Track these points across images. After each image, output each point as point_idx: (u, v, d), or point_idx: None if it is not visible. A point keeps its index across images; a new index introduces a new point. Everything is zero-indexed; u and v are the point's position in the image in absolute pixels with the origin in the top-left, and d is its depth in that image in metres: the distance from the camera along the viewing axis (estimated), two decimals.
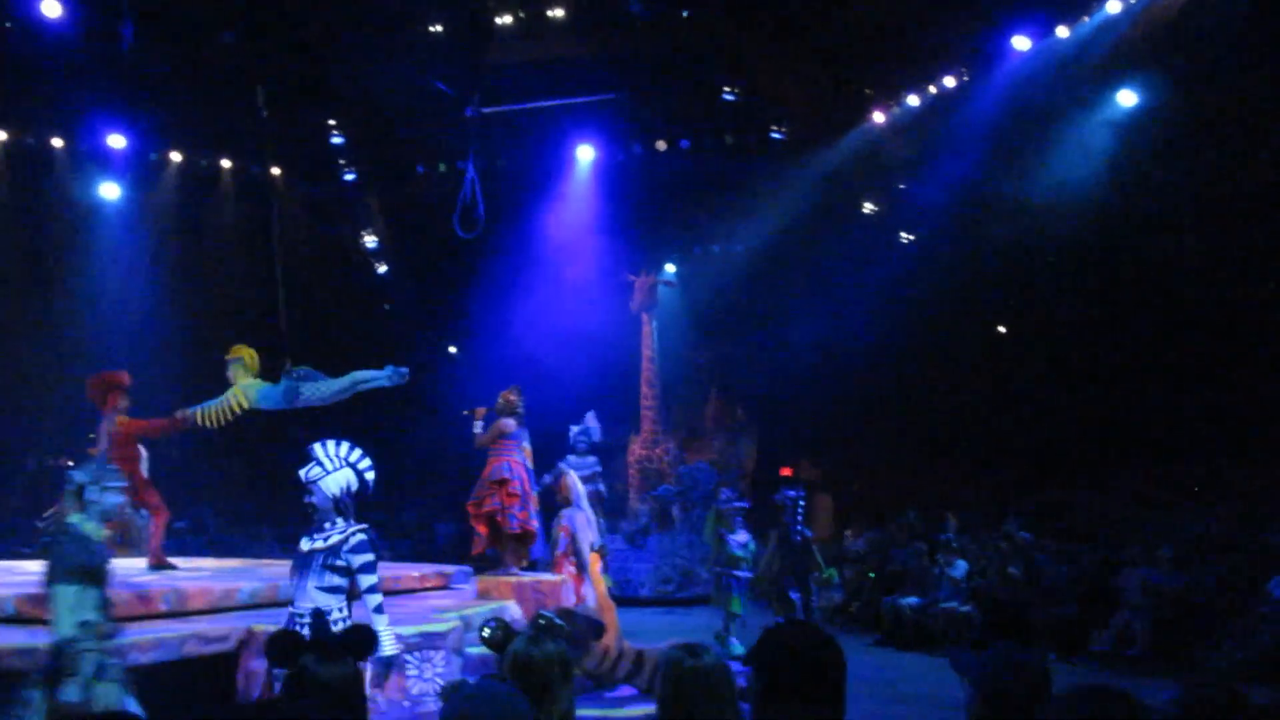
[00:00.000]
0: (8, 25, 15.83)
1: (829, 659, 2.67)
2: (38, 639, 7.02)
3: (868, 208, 19.36)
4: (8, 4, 15.38)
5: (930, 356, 19.08)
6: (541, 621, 3.68)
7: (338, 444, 5.37)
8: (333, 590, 5.10)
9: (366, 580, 5.11)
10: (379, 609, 5.10)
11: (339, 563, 5.11)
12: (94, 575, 4.74)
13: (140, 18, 14.56)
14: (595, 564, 10.19)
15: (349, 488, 5.28)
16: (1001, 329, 20.06)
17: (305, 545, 5.24)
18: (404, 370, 11.81)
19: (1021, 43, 15.00)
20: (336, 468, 5.29)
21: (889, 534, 16.43)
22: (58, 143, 19.05)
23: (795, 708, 2.61)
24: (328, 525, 5.22)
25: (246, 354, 11.71)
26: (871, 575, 15.24)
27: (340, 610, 5.10)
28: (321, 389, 11.76)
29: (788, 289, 19.74)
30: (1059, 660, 11.42)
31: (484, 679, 2.94)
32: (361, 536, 5.18)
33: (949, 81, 16.44)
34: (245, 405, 11.42)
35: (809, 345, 18.90)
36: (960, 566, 13.44)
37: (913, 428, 19.39)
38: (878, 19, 15.99)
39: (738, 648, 11.39)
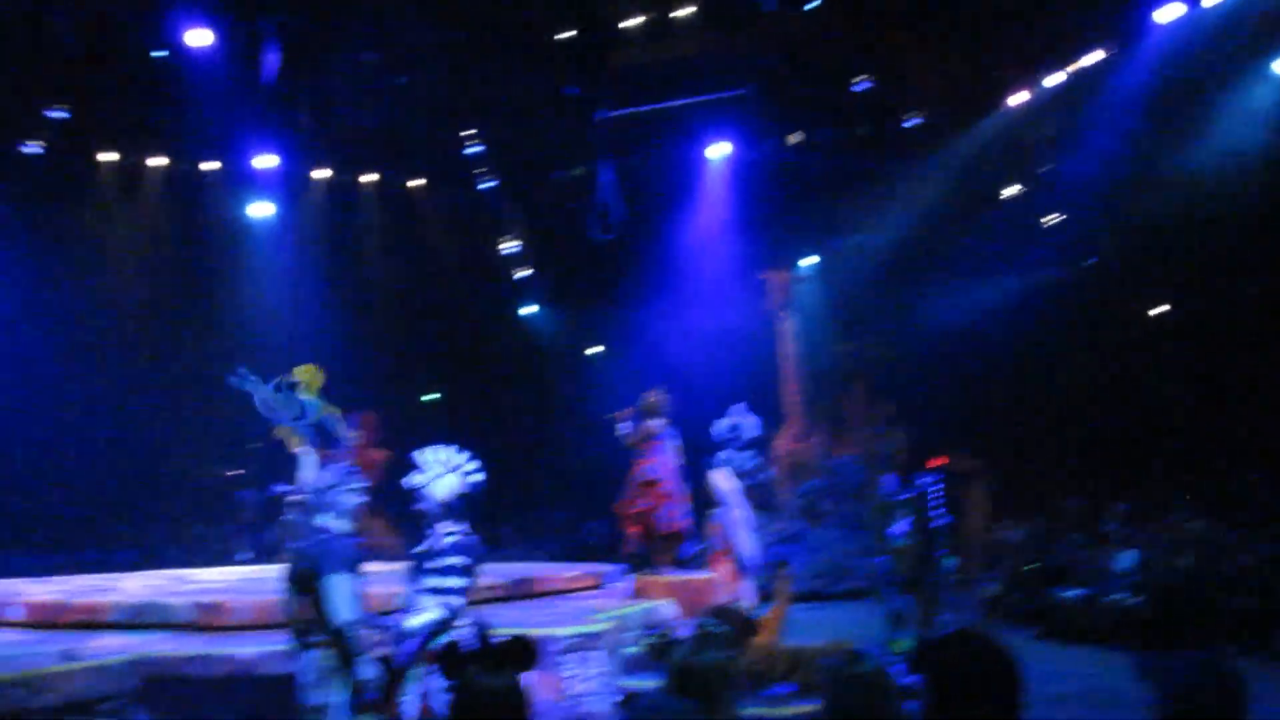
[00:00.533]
0: (161, 55, 16.52)
1: (1002, 671, 2.59)
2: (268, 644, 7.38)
3: (1009, 191, 18.87)
4: (160, 35, 16.05)
5: (1086, 339, 18.48)
6: (703, 630, 3.69)
7: (443, 449, 5.45)
8: (434, 592, 5.19)
9: (451, 582, 5.18)
10: (447, 606, 5.14)
11: (437, 564, 5.21)
12: (355, 568, 5.02)
13: (283, 42, 15.14)
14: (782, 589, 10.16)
15: (456, 491, 5.36)
16: (1165, 307, 19.31)
17: (414, 550, 5.36)
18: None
19: (1167, 13, 14.44)
20: (442, 472, 5.37)
21: (1049, 524, 15.96)
22: (212, 166, 19.88)
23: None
24: (436, 529, 5.32)
25: (309, 375, 11.59)
26: (1030, 567, 14.81)
27: (446, 613, 5.17)
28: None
29: (931, 277, 19.36)
30: (1241, 657, 10.94)
31: (657, 690, 2.98)
32: (460, 540, 5.26)
33: (1090, 58, 15.91)
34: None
35: (956, 333, 18.51)
36: (1128, 557, 12.95)
37: (1071, 413, 18.80)
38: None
39: (905, 643, 11.15)
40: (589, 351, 22.76)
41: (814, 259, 21.04)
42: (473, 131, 20.27)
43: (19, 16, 16.18)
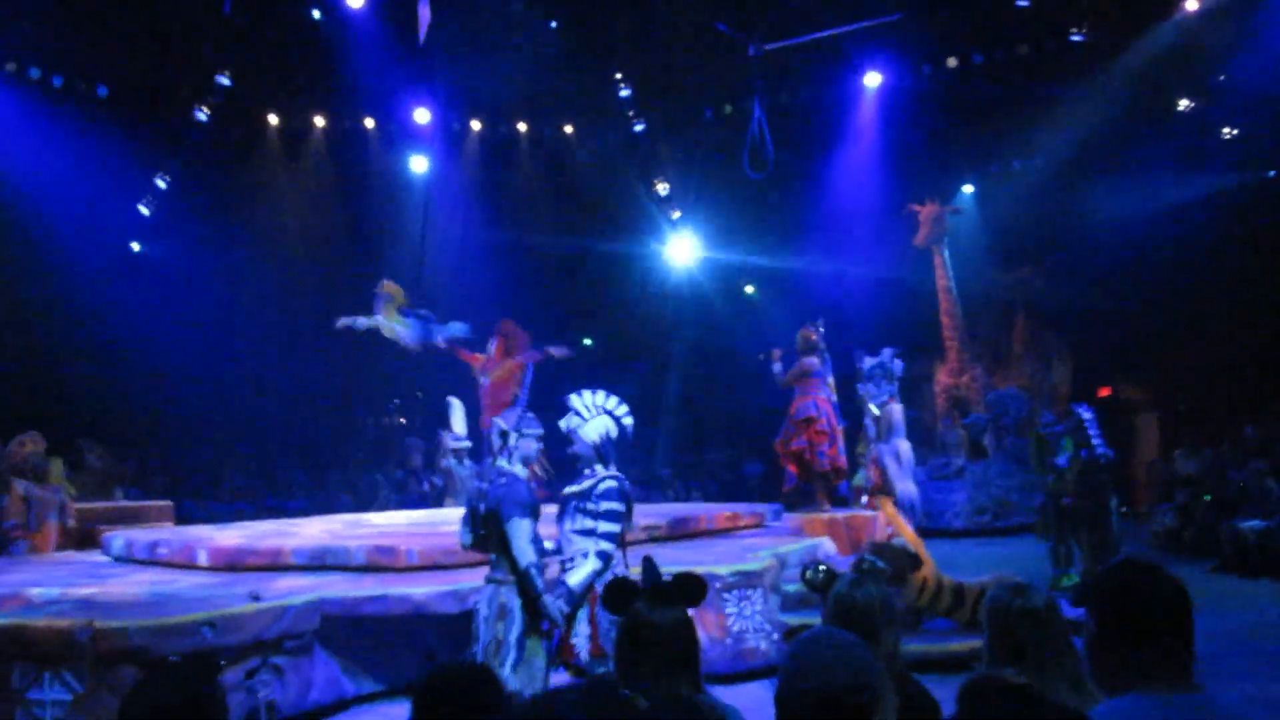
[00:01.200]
0: (317, 18, 16.97)
1: (1172, 600, 2.51)
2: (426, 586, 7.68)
3: (1183, 104, 17.96)
4: None
5: (1260, 259, 17.54)
6: (864, 565, 3.68)
7: (594, 392, 5.51)
8: (586, 533, 5.27)
9: (605, 526, 5.24)
10: (600, 554, 5.21)
11: (589, 505, 5.28)
12: (535, 511, 5.20)
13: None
14: (888, 508, 10.00)
15: (608, 435, 5.40)
16: None
17: (567, 490, 5.45)
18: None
19: None
20: (594, 415, 5.43)
21: (1225, 453, 15.32)
22: (369, 123, 20.40)
23: (1137, 653, 2.47)
24: (587, 472, 5.39)
25: (394, 290, 12.90)
26: (1207, 498, 14.26)
27: (599, 563, 5.24)
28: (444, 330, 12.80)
29: (1096, 201, 18.61)
30: None
31: (826, 625, 3.00)
32: (612, 484, 5.30)
33: None
34: (391, 334, 12.69)
35: (1123, 258, 17.81)
36: None
37: (1243, 337, 17.90)
38: None
39: (1074, 577, 10.90)
40: (747, 290, 22.69)
41: (970, 187, 20.48)
42: (619, 76, 20.24)
43: None
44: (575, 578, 5.14)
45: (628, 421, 5.47)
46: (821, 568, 3.71)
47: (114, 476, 16.11)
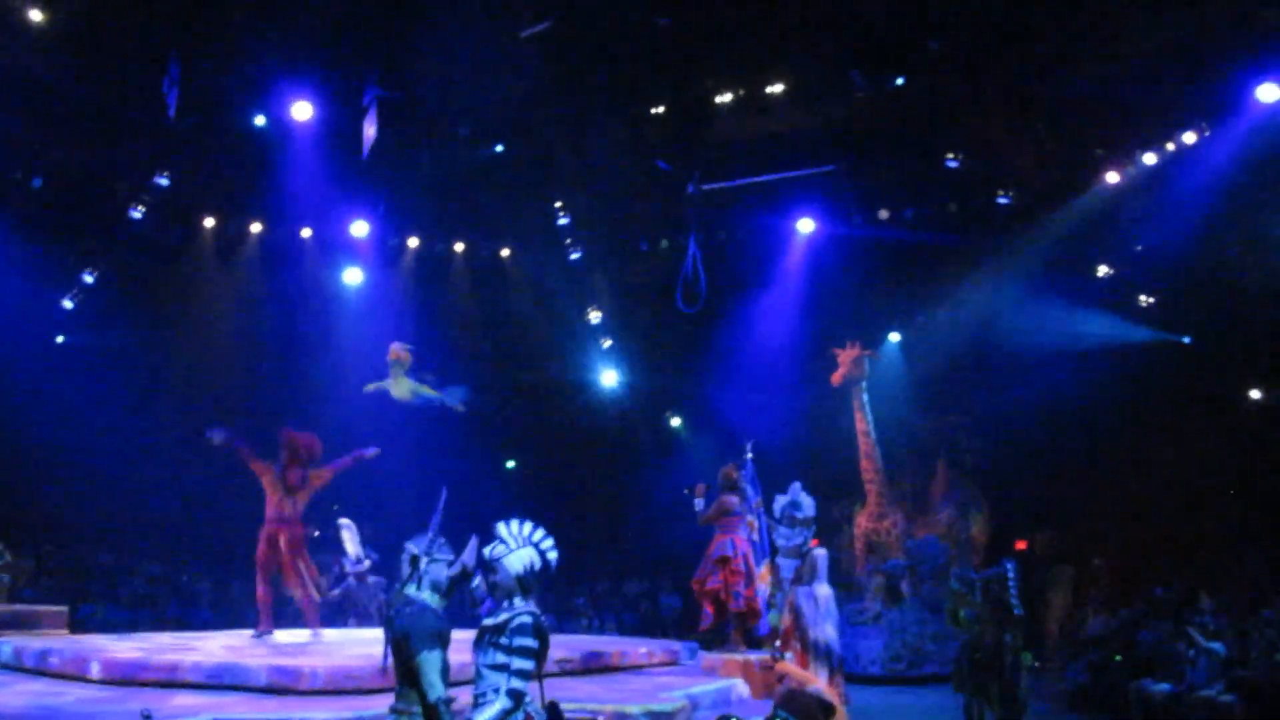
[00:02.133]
0: (260, 124, 17.06)
1: None
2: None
3: (1102, 270, 18.62)
4: (259, 106, 16.59)
5: (1178, 422, 18.02)
6: (779, 718, 3.62)
7: (521, 523, 5.44)
8: (499, 669, 5.15)
9: (518, 663, 5.13)
10: (511, 693, 5.09)
11: (504, 641, 5.17)
12: (444, 640, 5.04)
13: (379, 113, 15.60)
14: (786, 667, 9.93)
15: (531, 566, 5.32)
16: (1257, 393, 18.83)
17: (485, 622, 5.34)
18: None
19: (1269, 92, 14.24)
20: (519, 546, 5.36)
21: (1136, 612, 15.49)
22: (306, 232, 20.42)
23: None
24: (505, 604, 5.29)
25: (406, 357, 13.86)
26: (1118, 658, 14.36)
27: (509, 703, 5.13)
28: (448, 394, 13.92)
29: (1017, 355, 19.08)
30: None
31: None
32: (526, 619, 5.20)
33: (1187, 137, 15.74)
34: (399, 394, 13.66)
35: (1042, 412, 18.20)
36: (1219, 650, 12.48)
37: (1160, 498, 18.28)
38: (1107, 76, 15.46)
39: None
40: (673, 423, 22.76)
41: (896, 336, 20.90)
42: (559, 204, 20.55)
43: (123, 86, 16.89)
44: (483, 716, 5.00)
45: (552, 556, 5.39)
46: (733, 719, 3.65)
47: (15, 573, 15.55)
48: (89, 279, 18.95)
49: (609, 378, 22.27)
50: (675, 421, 22.87)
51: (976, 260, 18.74)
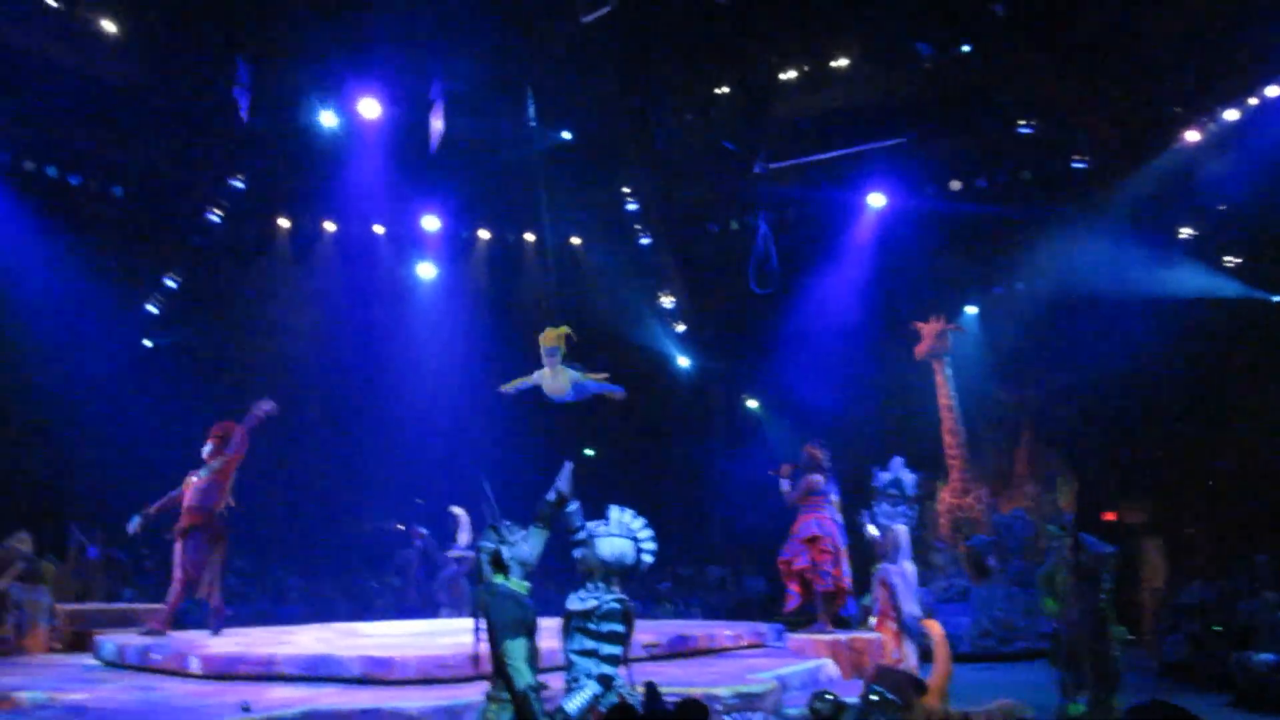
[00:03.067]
0: (331, 126, 17.26)
1: None
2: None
3: (1184, 232, 18.16)
4: (332, 104, 16.78)
5: (1270, 382, 17.51)
6: (872, 695, 3.59)
7: (633, 515, 5.40)
8: (587, 654, 5.13)
9: (607, 649, 5.10)
10: (600, 677, 5.07)
11: (591, 626, 5.14)
12: (528, 628, 5.06)
13: (445, 106, 15.72)
14: (935, 629, 9.76)
15: (621, 557, 5.29)
16: None
17: (570, 605, 5.30)
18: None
19: None
20: (619, 533, 5.32)
21: (1235, 582, 15.09)
22: (379, 229, 20.66)
23: None
24: (589, 586, 5.26)
25: (556, 338, 12.52)
26: (1217, 629, 14.00)
27: (598, 689, 5.11)
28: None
29: (1099, 321, 18.69)
30: None
31: None
32: (615, 606, 5.17)
33: (1272, 91, 15.26)
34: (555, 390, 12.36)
35: (1126, 379, 17.79)
36: None
37: (1252, 462, 17.79)
38: (1181, 32, 15.06)
39: (1080, 706, 10.63)
40: (749, 404, 22.66)
41: (973, 308, 20.59)
42: (626, 190, 20.55)
43: (197, 91, 17.23)
44: (574, 703, 5.01)
45: (647, 557, 5.36)
46: (829, 696, 3.62)
47: (114, 571, 15.98)
48: (171, 283, 19.35)
49: (683, 362, 22.24)
50: (752, 403, 22.76)
51: (1053, 227, 18.37)
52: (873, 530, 11.33)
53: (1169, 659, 14.10)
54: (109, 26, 16.37)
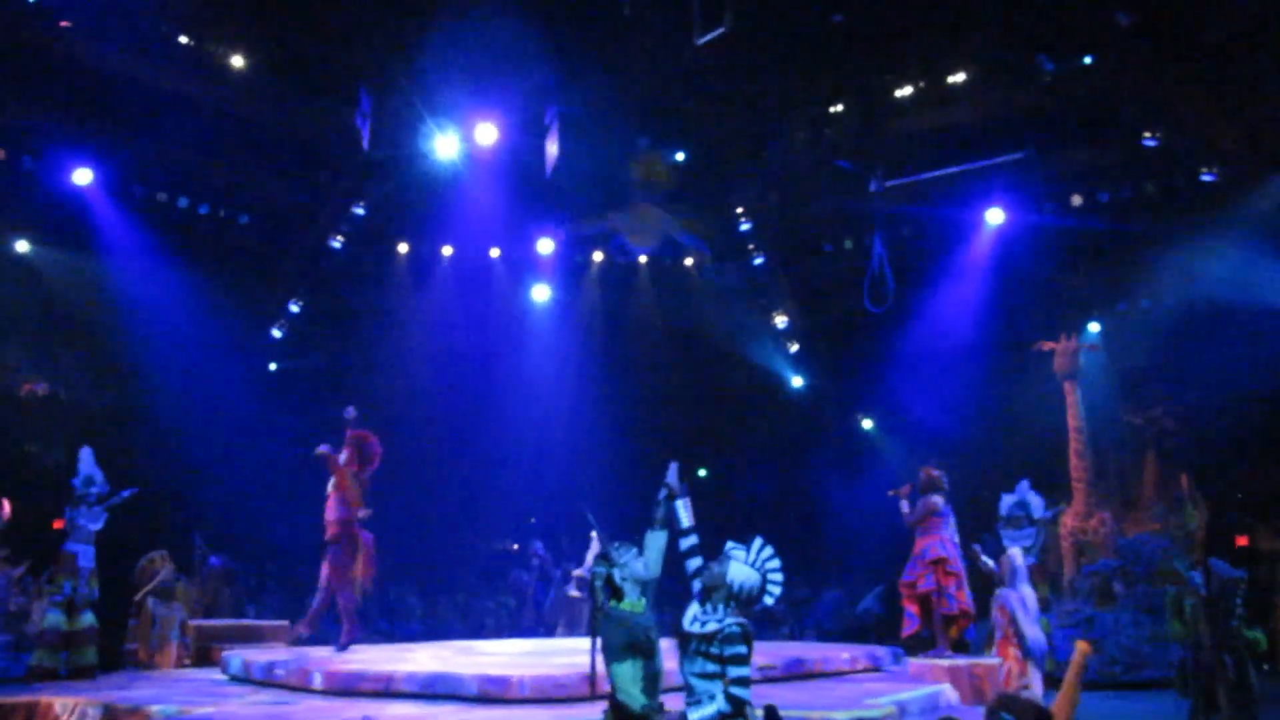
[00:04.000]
0: (447, 151, 17.61)
1: None
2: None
3: None
4: (449, 131, 17.08)
5: None
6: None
7: (772, 554, 5.34)
8: (710, 678, 5.09)
9: (735, 670, 5.05)
10: (732, 699, 5.02)
11: (714, 651, 5.09)
12: (636, 649, 5.07)
13: (560, 130, 15.92)
14: (1083, 648, 9.49)
15: (747, 588, 5.23)
16: None
17: (687, 625, 5.24)
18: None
19: None
20: (750, 562, 5.26)
21: None
22: (495, 252, 21.00)
23: None
24: (709, 609, 5.20)
25: None
26: None
27: (713, 699, 5.06)
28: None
29: (1229, 340, 18.05)
30: None
31: None
32: (735, 629, 5.11)
33: None
34: None
35: (1258, 398, 17.15)
36: None
37: None
38: None
39: None
40: (864, 425, 22.42)
41: (1096, 325, 20.06)
42: (740, 210, 20.57)
43: (320, 121, 17.77)
44: (697, 715, 4.99)
45: (769, 598, 5.31)
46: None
47: (237, 585, 16.45)
48: (295, 308, 19.91)
49: (797, 381, 22.12)
50: (866, 424, 22.51)
51: (1178, 242, 17.81)
52: (989, 562, 11.11)
53: None
54: (236, 61, 17.00)
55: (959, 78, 16.85)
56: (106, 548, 12.15)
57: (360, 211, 19.51)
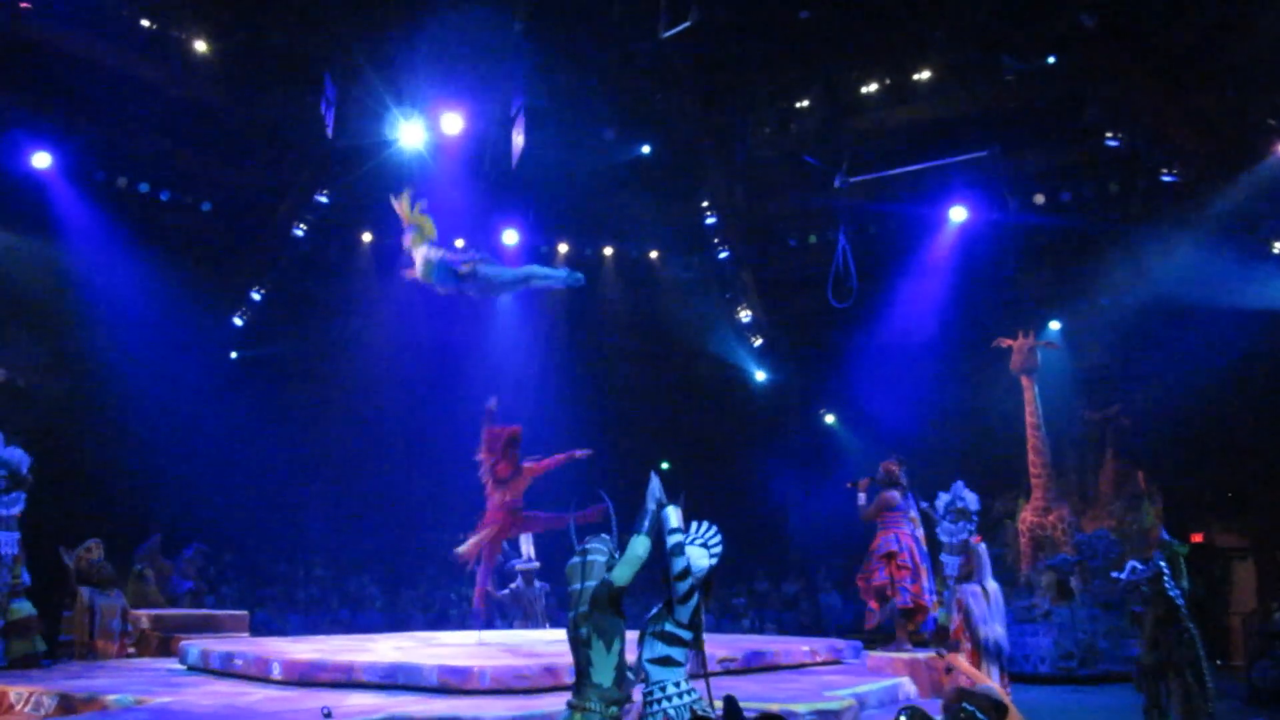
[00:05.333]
0: (412, 139, 17.51)
1: None
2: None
3: (1278, 246, 17.67)
4: (414, 120, 16.97)
5: None
6: (961, 714, 3.54)
7: (709, 526, 5.35)
8: (664, 663, 5.07)
9: (676, 653, 5.05)
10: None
11: (669, 629, 5.08)
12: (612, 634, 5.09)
13: (526, 123, 15.88)
14: (959, 662, 9.65)
15: (703, 566, 5.24)
16: None
17: (651, 615, 5.25)
18: (579, 276, 11.64)
19: None
20: (695, 542, 5.27)
21: None
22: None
23: None
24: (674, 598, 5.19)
25: (424, 222, 11.24)
26: None
27: (675, 686, 5.04)
28: (496, 274, 11.33)
29: (1187, 338, 18.24)
30: None
31: None
32: (690, 611, 5.11)
33: None
34: (420, 275, 11.16)
35: (1217, 396, 17.33)
36: None
37: None
38: (1275, 41, 14.68)
39: None
40: (827, 419, 22.52)
41: (1057, 323, 20.23)
42: (705, 204, 20.59)
43: (283, 108, 17.61)
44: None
45: (717, 552, 5.32)
46: (914, 712, 3.58)
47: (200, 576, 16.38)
48: (257, 296, 19.74)
49: (760, 376, 22.19)
50: (829, 418, 22.62)
51: (1139, 241, 18.00)
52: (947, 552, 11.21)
53: (1259, 684, 13.75)
54: (199, 46, 16.82)
55: (924, 75, 16.96)
56: (53, 537, 11.99)
57: (324, 200, 19.37)
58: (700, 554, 5.21)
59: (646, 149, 18.78)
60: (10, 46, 15.61)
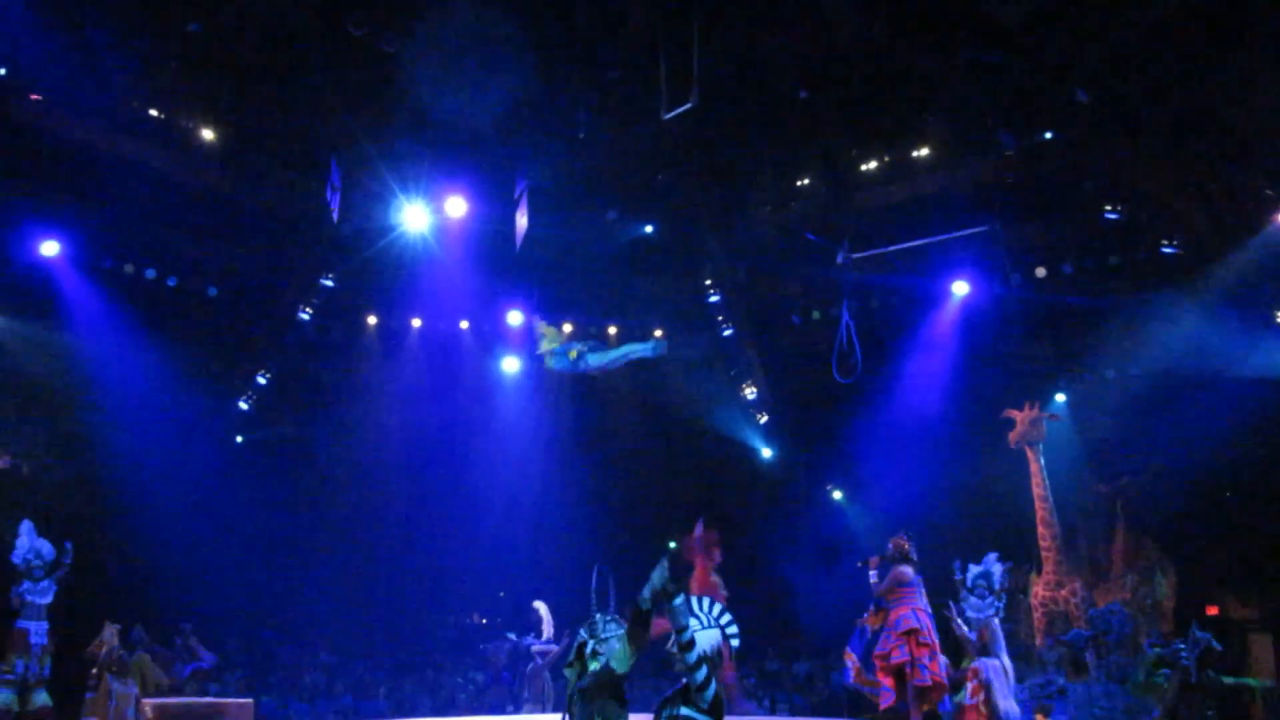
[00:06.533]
0: (416, 224, 17.65)
1: None
2: None
3: None
4: (418, 204, 17.11)
5: None
6: None
7: (711, 604, 5.32)
8: None
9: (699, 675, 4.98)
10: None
11: (682, 713, 5.02)
12: (608, 689, 5.13)
13: (529, 205, 16.01)
14: None
15: (714, 646, 5.19)
16: None
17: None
18: (663, 344, 15.44)
19: None
20: (706, 626, 5.22)
21: None
22: (464, 324, 20.99)
23: None
24: (684, 680, 5.15)
25: (549, 331, 14.90)
26: None
27: None
28: (600, 358, 14.63)
29: (1195, 409, 18.18)
30: None
31: None
32: (708, 692, 5.04)
33: None
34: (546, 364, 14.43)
35: (1227, 467, 17.25)
36: None
37: None
38: (1271, 110, 14.81)
39: None
40: (834, 495, 22.40)
41: (1062, 396, 20.21)
42: (708, 282, 20.70)
43: (289, 194, 17.79)
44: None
45: (734, 642, 5.27)
46: None
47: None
48: (262, 380, 19.78)
49: (766, 453, 22.14)
50: (836, 494, 22.50)
51: (1143, 312, 18.03)
52: (965, 627, 11.08)
53: None
54: (206, 134, 17.05)
55: (923, 153, 17.11)
56: (67, 621, 11.92)
57: (329, 283, 19.50)
58: (710, 635, 5.16)
59: (649, 228, 18.91)
60: (20, 137, 15.82)
